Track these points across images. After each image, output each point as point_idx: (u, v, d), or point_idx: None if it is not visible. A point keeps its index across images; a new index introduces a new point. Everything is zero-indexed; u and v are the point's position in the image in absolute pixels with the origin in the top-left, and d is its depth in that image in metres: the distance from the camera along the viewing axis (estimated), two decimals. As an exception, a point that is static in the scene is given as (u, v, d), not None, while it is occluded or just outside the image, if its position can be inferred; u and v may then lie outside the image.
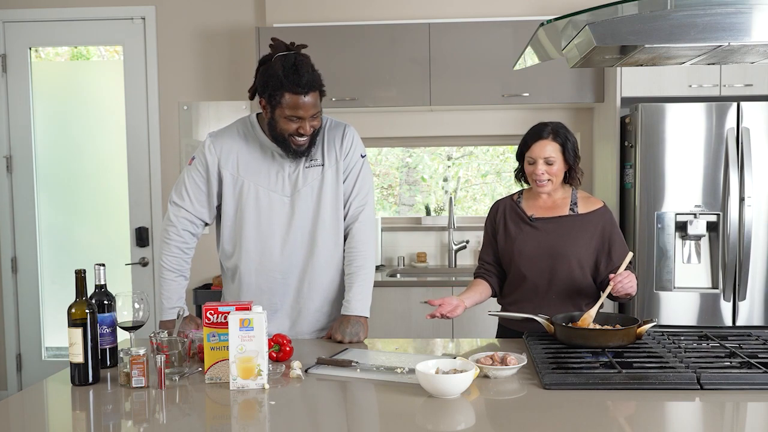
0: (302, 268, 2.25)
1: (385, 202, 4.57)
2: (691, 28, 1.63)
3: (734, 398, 1.60)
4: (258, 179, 2.21)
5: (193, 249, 2.27)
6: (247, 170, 2.21)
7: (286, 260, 2.24)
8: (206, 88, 4.17)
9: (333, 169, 2.24)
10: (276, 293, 2.26)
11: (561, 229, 2.26)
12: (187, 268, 2.26)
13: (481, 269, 2.39)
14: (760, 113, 3.28)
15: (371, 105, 3.80)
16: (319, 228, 2.23)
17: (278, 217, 2.22)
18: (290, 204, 2.22)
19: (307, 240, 2.24)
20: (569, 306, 2.22)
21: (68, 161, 4.27)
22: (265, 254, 2.23)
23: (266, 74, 2.08)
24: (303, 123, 2.09)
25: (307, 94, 2.06)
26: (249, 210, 2.21)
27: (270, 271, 2.24)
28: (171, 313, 2.21)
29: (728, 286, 3.32)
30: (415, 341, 2.31)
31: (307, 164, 2.22)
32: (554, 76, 3.68)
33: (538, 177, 2.23)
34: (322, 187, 2.22)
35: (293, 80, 2.03)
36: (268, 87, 2.08)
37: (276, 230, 2.22)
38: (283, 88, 2.04)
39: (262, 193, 2.21)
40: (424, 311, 3.56)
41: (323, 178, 2.23)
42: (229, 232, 2.26)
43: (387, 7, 3.94)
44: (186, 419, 1.56)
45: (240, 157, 2.21)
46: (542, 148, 2.22)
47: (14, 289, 4.27)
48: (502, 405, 1.62)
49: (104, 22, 4.16)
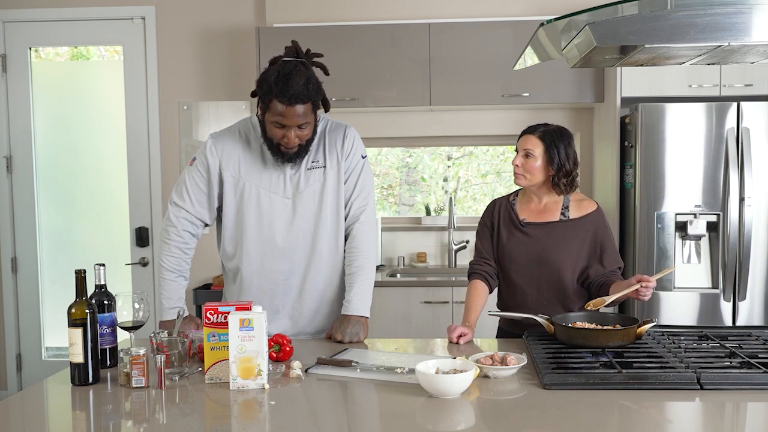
0: (303, 270, 2.25)
1: (385, 202, 4.57)
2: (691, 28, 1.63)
3: (734, 398, 1.60)
4: (260, 181, 2.20)
5: (193, 249, 2.27)
6: (248, 172, 2.20)
7: (287, 262, 2.24)
8: (206, 88, 4.17)
9: (335, 170, 2.24)
10: (277, 294, 2.26)
11: (550, 235, 2.25)
12: (186, 268, 2.25)
13: (477, 265, 2.36)
14: (760, 113, 3.28)
15: (371, 105, 3.80)
16: (321, 229, 2.23)
17: (279, 219, 2.22)
18: (292, 206, 2.22)
19: (308, 241, 2.24)
20: (560, 312, 2.21)
21: (68, 161, 4.27)
22: (266, 256, 2.23)
23: (262, 77, 2.09)
24: (288, 132, 2.07)
25: (293, 105, 2.03)
26: (250, 212, 2.21)
27: (271, 272, 2.24)
28: (171, 314, 2.20)
29: (728, 286, 3.32)
30: (415, 341, 2.31)
31: (309, 166, 2.22)
32: (554, 76, 3.68)
33: (514, 168, 2.27)
34: (323, 189, 2.22)
35: (281, 89, 2.02)
36: (261, 90, 2.08)
37: (277, 232, 2.22)
38: (272, 94, 2.04)
39: (264, 195, 2.20)
40: (424, 311, 3.58)
41: (325, 179, 2.23)
42: (230, 233, 2.26)
43: (387, 7, 3.94)
44: (186, 419, 1.56)
45: (241, 159, 2.21)
46: (526, 141, 2.26)
47: (14, 289, 4.27)
48: (502, 405, 1.62)
49: (104, 22, 4.15)
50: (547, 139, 2.23)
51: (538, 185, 2.27)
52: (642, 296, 2.04)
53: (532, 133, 2.26)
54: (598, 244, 2.25)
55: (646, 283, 2.02)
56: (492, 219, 2.37)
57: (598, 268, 2.23)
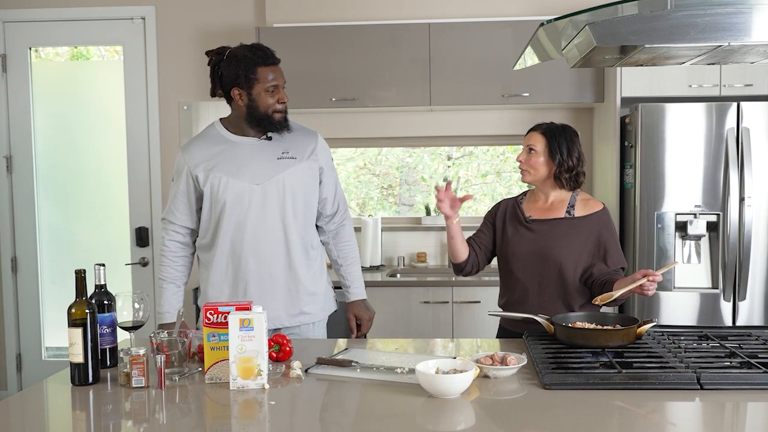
0: (276, 256, 2.31)
1: (385, 202, 4.57)
2: (691, 28, 1.63)
3: (734, 398, 1.60)
4: (228, 170, 2.28)
5: (187, 257, 2.40)
6: (217, 165, 2.29)
7: (260, 249, 2.29)
8: (206, 88, 4.08)
9: (305, 164, 2.33)
10: (250, 281, 2.30)
11: (554, 231, 2.27)
12: (180, 276, 2.39)
13: (469, 239, 2.40)
14: (760, 113, 3.28)
15: (371, 105, 3.80)
16: (290, 217, 2.30)
17: (250, 206, 2.28)
18: (261, 192, 2.28)
19: (279, 228, 2.30)
20: (562, 309, 2.22)
21: (68, 161, 4.27)
22: (237, 244, 2.29)
23: (234, 61, 2.24)
24: (280, 92, 2.27)
25: (277, 63, 2.27)
26: (221, 200, 2.28)
27: (243, 258, 2.29)
28: (168, 317, 2.32)
29: (728, 286, 3.32)
30: (415, 341, 2.31)
31: (279, 156, 2.31)
32: (554, 76, 3.68)
33: (519, 164, 2.33)
34: (294, 177, 2.30)
35: (262, 54, 2.25)
36: (240, 70, 2.24)
37: (250, 219, 2.28)
38: (257, 63, 2.23)
39: (233, 184, 2.27)
40: (424, 311, 3.58)
41: (295, 169, 2.31)
42: (205, 225, 2.35)
43: (387, 7, 3.94)
44: (186, 419, 1.56)
45: (209, 156, 2.31)
46: (530, 137, 2.33)
47: (14, 289, 4.26)
48: (502, 405, 1.62)
49: (104, 22, 4.15)
50: (549, 135, 2.29)
51: (543, 181, 2.31)
52: (647, 290, 2.04)
53: (536, 130, 2.33)
54: (602, 244, 2.25)
55: (653, 277, 2.02)
56: (496, 217, 2.40)
57: (602, 266, 2.24)
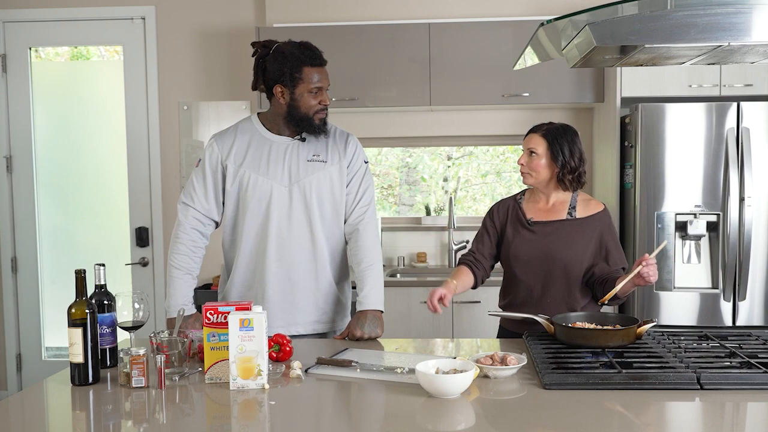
0: (299, 260, 2.27)
1: (385, 202, 4.57)
2: (691, 28, 1.63)
3: (734, 398, 1.60)
4: (258, 169, 2.25)
5: (202, 249, 2.31)
6: (248, 161, 2.25)
7: (284, 251, 2.26)
8: (206, 88, 4.17)
9: (336, 167, 2.28)
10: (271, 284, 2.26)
11: (557, 233, 2.26)
12: (195, 267, 2.30)
13: (470, 257, 2.38)
14: (760, 113, 3.28)
15: (371, 105, 3.80)
16: (317, 220, 2.26)
17: (277, 207, 2.24)
18: (288, 194, 2.24)
19: (305, 232, 2.26)
20: (564, 310, 2.21)
21: (68, 161, 4.27)
22: (261, 244, 2.26)
23: (280, 58, 2.17)
24: (323, 94, 2.22)
25: (324, 65, 2.22)
26: (249, 199, 2.24)
27: (267, 260, 2.26)
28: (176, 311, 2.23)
29: (728, 286, 3.32)
30: (415, 341, 2.31)
31: (310, 158, 2.27)
32: (554, 76, 3.68)
33: (521, 168, 2.30)
34: (322, 181, 2.26)
35: (310, 54, 2.19)
36: (285, 68, 2.17)
37: (274, 220, 2.24)
38: (303, 63, 2.18)
39: (262, 183, 2.24)
40: (424, 311, 3.58)
41: (325, 173, 2.27)
42: (230, 222, 2.31)
43: (387, 7, 3.94)
44: (186, 419, 1.56)
45: (242, 150, 2.27)
46: (530, 140, 2.30)
47: (14, 289, 4.27)
48: (502, 405, 1.62)
49: (104, 22, 4.15)
50: (550, 137, 2.26)
51: (545, 183, 2.30)
52: (647, 277, 2.04)
53: (536, 132, 2.30)
54: (603, 245, 2.26)
55: (647, 261, 2.02)
56: (496, 221, 2.38)
57: (604, 266, 2.24)
